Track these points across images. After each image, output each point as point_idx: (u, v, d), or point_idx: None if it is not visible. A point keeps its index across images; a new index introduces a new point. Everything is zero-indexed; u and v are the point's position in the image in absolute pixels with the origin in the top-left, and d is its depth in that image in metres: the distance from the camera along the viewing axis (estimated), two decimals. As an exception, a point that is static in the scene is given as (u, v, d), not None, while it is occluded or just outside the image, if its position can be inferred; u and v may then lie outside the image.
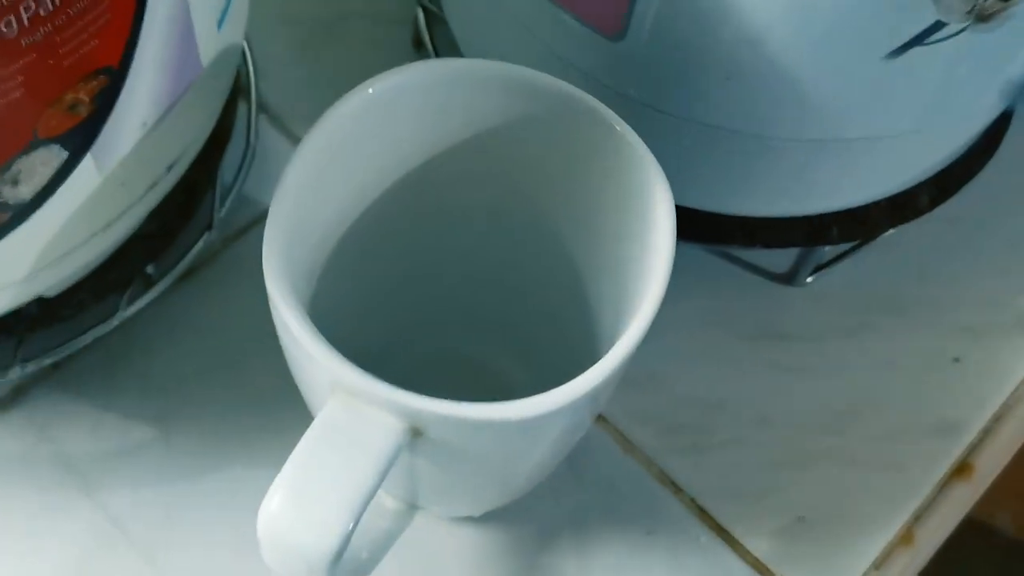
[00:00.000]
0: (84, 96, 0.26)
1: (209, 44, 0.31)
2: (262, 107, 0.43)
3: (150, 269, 0.36)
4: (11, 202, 0.26)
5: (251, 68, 0.41)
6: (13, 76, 0.24)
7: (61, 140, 0.26)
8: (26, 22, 0.23)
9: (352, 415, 0.24)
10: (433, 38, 0.42)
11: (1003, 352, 0.40)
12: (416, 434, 0.24)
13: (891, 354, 0.40)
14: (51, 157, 0.26)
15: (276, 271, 0.25)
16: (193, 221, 0.37)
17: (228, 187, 0.39)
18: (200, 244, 0.37)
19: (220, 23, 0.31)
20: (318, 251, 0.30)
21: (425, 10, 0.42)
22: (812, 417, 0.38)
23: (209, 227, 0.37)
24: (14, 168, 0.26)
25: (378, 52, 0.46)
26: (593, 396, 0.24)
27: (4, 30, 0.23)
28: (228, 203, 0.38)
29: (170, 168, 0.32)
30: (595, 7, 0.30)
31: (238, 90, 0.39)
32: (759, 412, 0.38)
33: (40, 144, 0.26)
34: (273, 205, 0.26)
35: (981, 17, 0.28)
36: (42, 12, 0.23)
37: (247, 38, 0.41)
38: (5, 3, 0.22)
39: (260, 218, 0.41)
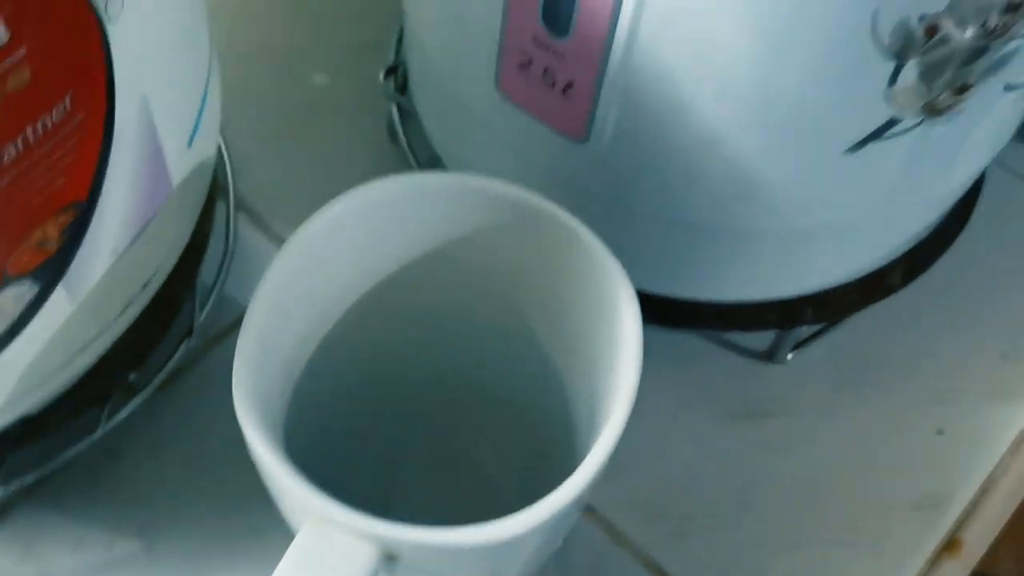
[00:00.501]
0: (53, 232, 0.26)
1: (180, 163, 0.31)
2: (239, 204, 0.43)
3: (131, 378, 0.36)
4: (-16, 338, 0.27)
5: (228, 167, 0.42)
6: (-20, 221, 0.24)
7: (31, 276, 0.26)
8: (-10, 170, 0.23)
9: (326, 541, 0.24)
10: (406, 131, 0.42)
11: (985, 421, 0.40)
12: (391, 559, 0.24)
13: (873, 427, 0.40)
14: (22, 292, 0.27)
15: (246, 403, 0.25)
16: (173, 328, 0.37)
17: (208, 290, 0.39)
18: (181, 351, 0.37)
19: (190, 141, 0.31)
20: (293, 358, 0.30)
21: (398, 105, 0.42)
22: (796, 495, 0.38)
23: (189, 334, 0.38)
24: (-15, 306, 0.26)
25: (353, 144, 0.46)
26: (568, 510, 0.25)
27: (-31, 180, 0.23)
28: (208, 308, 0.38)
29: (145, 286, 0.32)
30: (558, 113, 0.31)
31: (215, 188, 0.39)
32: (743, 493, 0.38)
33: (10, 281, 0.26)
34: (242, 334, 0.26)
35: (935, 111, 0.28)
36: (6, 159, 0.23)
37: (223, 137, 0.41)
38: (-31, 155, 0.23)
39: (241, 319, 0.41)
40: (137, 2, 0.25)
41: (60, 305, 0.28)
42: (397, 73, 0.44)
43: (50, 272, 0.27)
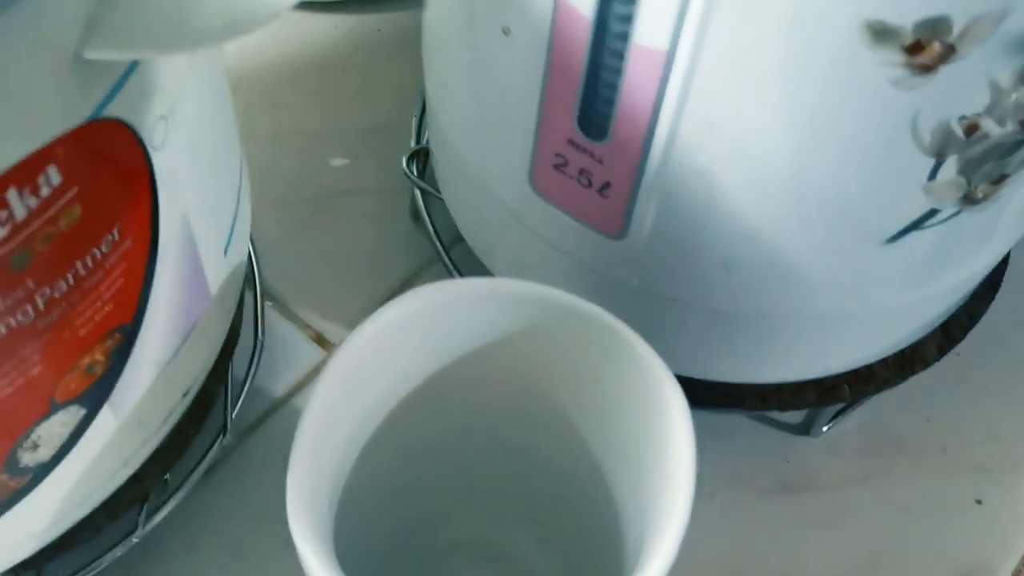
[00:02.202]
0: (100, 356, 0.26)
1: (217, 272, 0.31)
2: (266, 293, 0.43)
3: (166, 478, 0.36)
4: (31, 465, 0.26)
5: (255, 260, 0.42)
6: (32, 356, 0.24)
7: (79, 400, 0.26)
8: (42, 307, 0.23)
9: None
10: (430, 213, 0.43)
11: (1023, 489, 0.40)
12: None
13: (911, 499, 0.40)
14: (69, 418, 0.26)
15: (302, 525, 0.25)
16: (206, 425, 0.37)
17: (239, 384, 0.39)
18: (215, 448, 0.37)
19: (226, 250, 0.32)
20: (341, 463, 0.30)
21: (422, 190, 0.43)
22: (835, 570, 0.38)
23: (224, 431, 0.37)
24: (33, 435, 0.26)
25: (375, 225, 0.46)
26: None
27: (20, 319, 0.23)
28: (240, 403, 0.38)
29: (185, 395, 0.32)
30: (594, 211, 0.31)
31: (241, 291, 0.39)
32: (782, 569, 0.38)
33: (58, 408, 0.26)
34: (293, 457, 0.26)
35: (973, 201, 0.28)
36: (57, 294, 0.23)
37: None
38: (21, 295, 0.23)
39: (272, 409, 0.41)
40: (179, 128, 0.26)
41: (105, 424, 0.28)
42: (419, 157, 0.44)
43: (97, 395, 0.27)
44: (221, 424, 0.38)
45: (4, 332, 0.23)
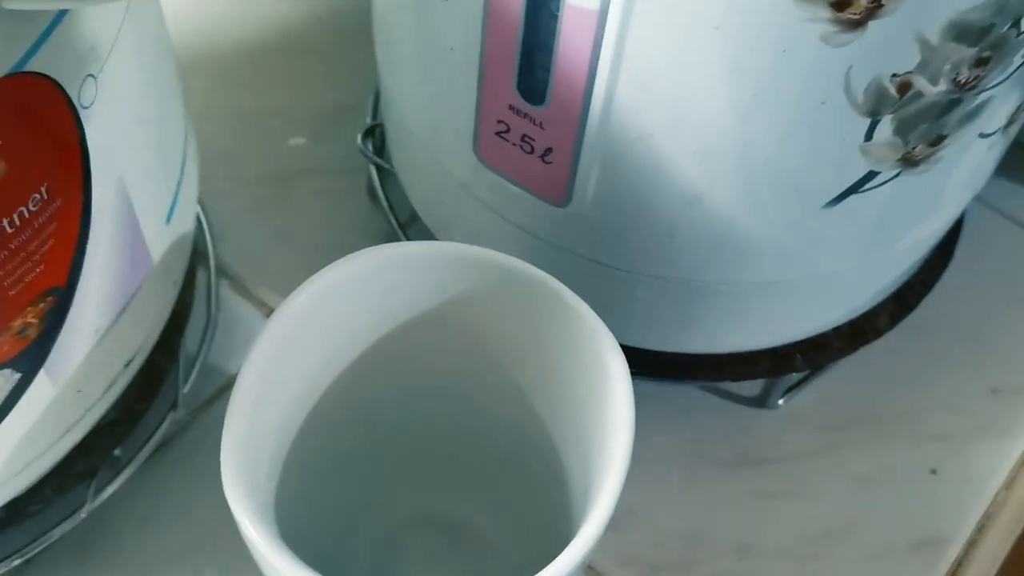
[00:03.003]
0: (33, 319, 0.26)
1: (159, 239, 0.31)
2: (221, 271, 0.43)
3: (117, 452, 0.36)
4: (-35, 429, 0.26)
5: (208, 235, 0.42)
6: (-42, 316, 0.24)
7: (12, 364, 0.26)
8: (-32, 264, 0.23)
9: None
10: (386, 191, 0.42)
11: (979, 458, 0.40)
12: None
13: (867, 470, 0.40)
14: (3, 382, 0.26)
15: (237, 489, 0.25)
16: (157, 400, 0.37)
17: (191, 360, 0.39)
18: (166, 424, 0.37)
19: (169, 217, 0.31)
20: (282, 430, 0.29)
21: (377, 167, 0.42)
22: (793, 541, 0.38)
23: (174, 406, 0.37)
24: (-34, 397, 0.26)
25: (333, 204, 0.46)
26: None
27: (-55, 276, 0.23)
28: (192, 378, 0.38)
29: (128, 364, 0.32)
30: (538, 177, 0.31)
31: (195, 255, 0.39)
32: (740, 541, 0.38)
33: (-9, 371, 0.26)
34: (229, 414, 0.26)
35: (911, 163, 0.28)
36: (-17, 252, 0.23)
37: (201, 203, 0.41)
38: (-55, 251, 0.22)
39: (227, 386, 0.41)
40: (111, 88, 0.25)
41: (42, 390, 0.28)
42: (375, 134, 0.44)
43: (31, 359, 0.27)
44: (172, 400, 0.38)
45: (-72, 289, 0.23)
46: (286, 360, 0.28)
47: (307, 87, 0.50)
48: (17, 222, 0.24)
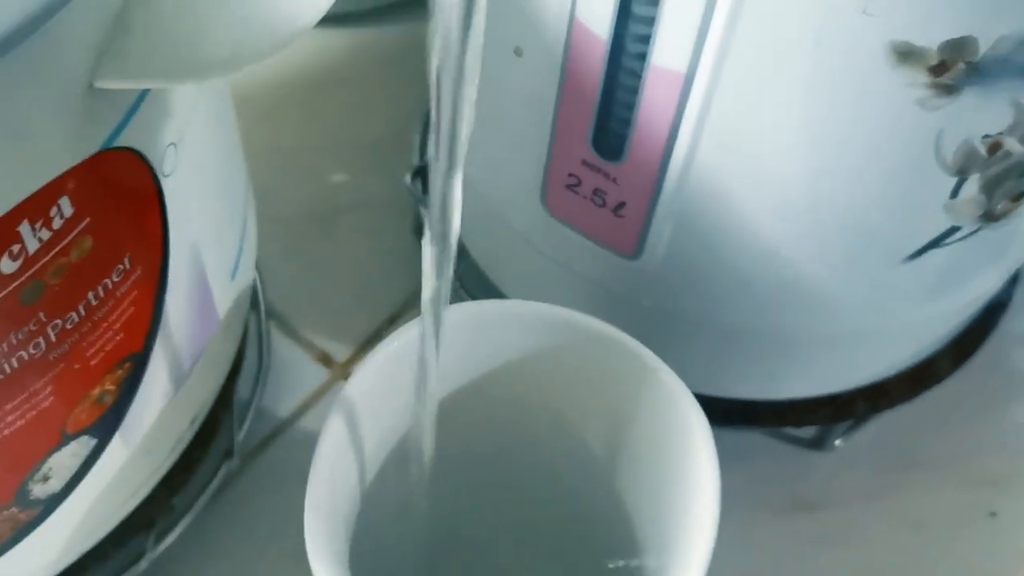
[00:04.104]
0: (110, 386, 0.26)
1: (225, 296, 0.31)
2: (268, 312, 0.43)
3: (173, 502, 0.36)
4: (42, 497, 0.26)
5: (258, 279, 0.41)
6: (43, 388, 0.23)
7: (90, 431, 0.26)
8: (53, 339, 0.23)
9: None
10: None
11: (1037, 501, 0.40)
12: None
13: (925, 514, 0.39)
14: (80, 449, 0.26)
15: (322, 553, 0.24)
16: (212, 449, 0.37)
17: (244, 406, 0.38)
18: (222, 472, 0.37)
19: (234, 273, 0.31)
20: (356, 492, 0.29)
21: (425, 204, 0.42)
22: (854, 588, 0.38)
23: (229, 454, 0.37)
24: (44, 467, 0.25)
25: (378, 242, 0.46)
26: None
27: (31, 351, 0.22)
28: (246, 427, 0.38)
29: (193, 421, 0.32)
30: (608, 231, 0.30)
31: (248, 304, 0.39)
32: (799, 588, 0.38)
33: (69, 440, 0.25)
34: (312, 479, 0.26)
35: (992, 218, 0.28)
36: (68, 326, 0.23)
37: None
38: (32, 328, 0.22)
39: (277, 431, 0.41)
40: (188, 154, 0.25)
41: (116, 454, 0.27)
42: (422, 174, 0.44)
43: (107, 425, 0.26)
44: (227, 447, 0.37)
45: (16, 366, 0.22)
46: (361, 421, 0.28)
47: (348, 122, 0.50)
48: (101, 294, 0.23)
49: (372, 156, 0.48)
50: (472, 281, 0.39)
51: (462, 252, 0.40)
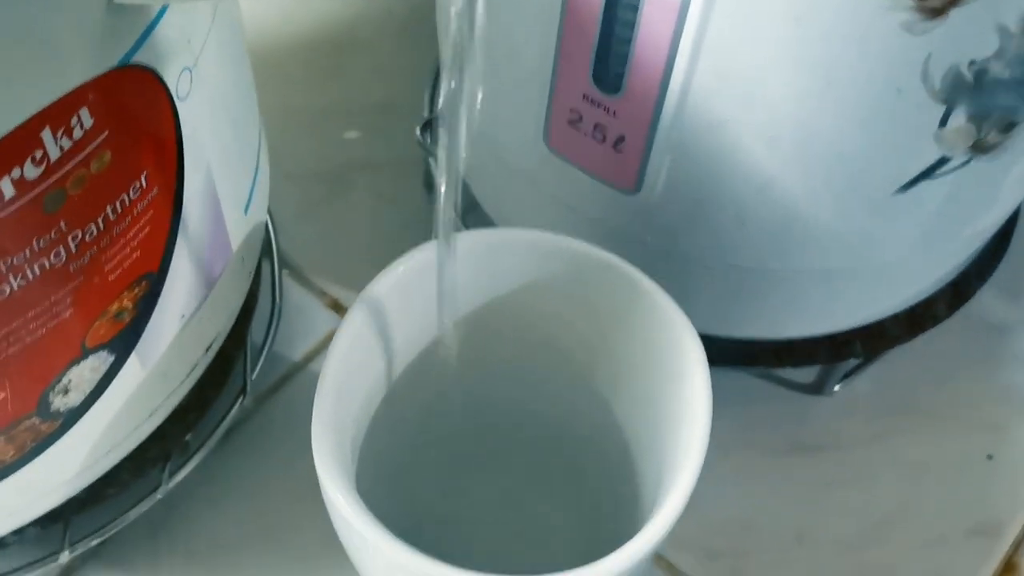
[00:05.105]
0: (128, 303, 0.27)
1: (238, 229, 0.32)
2: (283, 262, 0.44)
3: (188, 438, 0.37)
4: (62, 410, 0.27)
5: (272, 229, 0.42)
6: (64, 298, 0.25)
7: (108, 346, 0.27)
8: (73, 250, 0.24)
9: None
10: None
11: (1035, 445, 0.40)
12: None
13: (923, 457, 0.40)
14: (99, 363, 0.27)
15: (326, 457, 0.25)
16: (227, 387, 0.38)
17: (258, 349, 0.40)
18: (235, 410, 0.38)
19: (247, 207, 0.32)
20: (362, 411, 0.30)
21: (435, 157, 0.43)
22: (849, 529, 0.39)
23: (243, 392, 0.38)
24: (65, 379, 0.26)
25: (389, 197, 0.47)
26: (640, 562, 0.25)
27: (53, 260, 0.24)
28: (259, 366, 0.39)
29: (208, 349, 0.33)
30: (609, 166, 0.31)
31: (260, 254, 0.40)
32: (796, 528, 0.39)
33: (89, 353, 0.27)
34: (319, 390, 0.27)
35: (982, 149, 0.29)
36: (87, 238, 0.24)
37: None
38: (54, 236, 0.23)
39: (290, 374, 0.42)
40: (202, 81, 0.26)
41: (133, 372, 0.28)
42: (432, 127, 0.44)
43: (125, 342, 0.28)
44: (241, 386, 0.38)
45: (38, 274, 0.23)
46: (366, 342, 0.29)
47: (361, 83, 0.51)
48: (119, 209, 0.25)
49: (384, 116, 0.49)
50: (475, 223, 0.40)
51: (465, 192, 0.41)
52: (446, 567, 0.24)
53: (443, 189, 0.24)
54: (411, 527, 0.33)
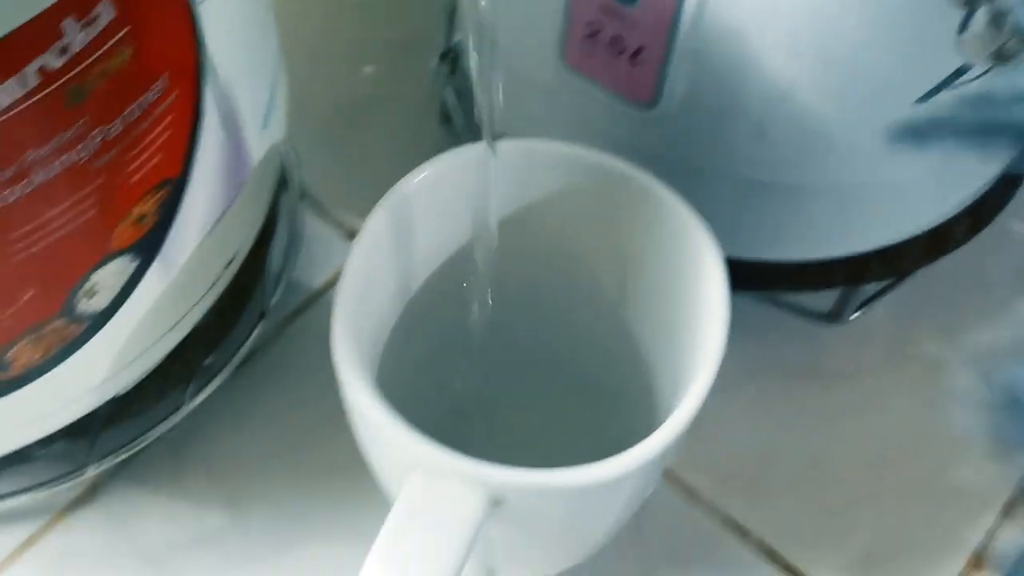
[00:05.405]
0: (150, 207, 0.27)
1: (258, 142, 0.32)
2: (301, 192, 0.44)
3: (209, 360, 0.37)
4: (88, 313, 0.28)
5: (290, 160, 0.43)
6: (87, 197, 0.25)
7: (131, 251, 0.27)
8: (97, 146, 0.24)
9: (433, 492, 0.24)
10: (463, 115, 0.43)
11: (1053, 373, 0.40)
12: (496, 504, 0.25)
13: (940, 384, 0.40)
14: (123, 268, 0.27)
15: (346, 356, 0.26)
16: (247, 311, 0.38)
17: (277, 274, 0.40)
18: (255, 333, 0.38)
19: (266, 121, 0.32)
20: (379, 329, 0.30)
21: (453, 88, 0.43)
22: (866, 454, 0.39)
23: (262, 315, 0.39)
24: (90, 281, 0.27)
25: (405, 132, 0.47)
26: (664, 455, 0.25)
27: (77, 156, 0.24)
28: (279, 291, 0.39)
29: (228, 264, 0.33)
30: (624, 78, 0.31)
31: (279, 179, 0.40)
32: (811, 452, 0.39)
33: (113, 256, 0.27)
34: (338, 293, 0.27)
35: (1003, 58, 0.28)
36: (110, 135, 0.24)
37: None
38: (77, 131, 0.23)
39: (309, 301, 0.42)
40: (223, -17, 0.26)
41: (155, 280, 0.29)
42: (449, 59, 0.45)
43: (148, 247, 0.28)
44: (260, 311, 0.39)
45: (61, 169, 0.24)
46: (388, 248, 0.29)
47: (375, 19, 0.51)
48: (140, 109, 0.25)
49: (399, 52, 0.50)
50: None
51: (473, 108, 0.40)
52: (464, 458, 0.24)
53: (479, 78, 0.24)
54: (429, 432, 0.33)
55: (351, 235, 0.44)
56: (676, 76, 0.30)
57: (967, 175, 0.35)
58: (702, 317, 0.27)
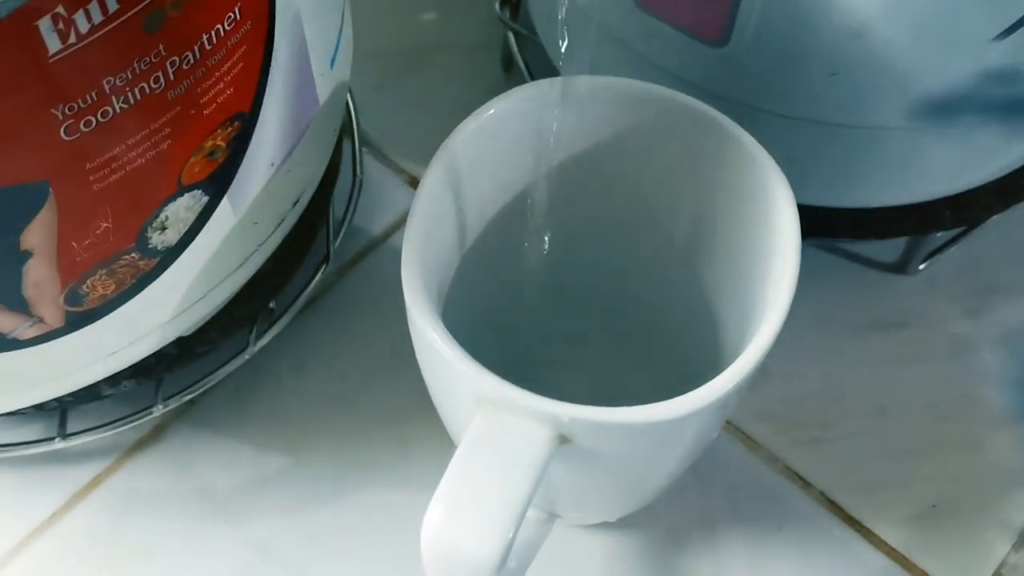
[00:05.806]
0: (221, 142, 0.27)
1: (324, 83, 0.32)
2: (362, 139, 0.44)
3: (272, 304, 0.38)
4: (159, 247, 0.28)
5: (352, 104, 0.43)
6: (162, 128, 0.25)
7: (202, 186, 0.28)
8: (172, 76, 0.24)
9: (501, 428, 0.25)
10: (525, 59, 0.43)
11: (1124, 325, 0.40)
12: (563, 441, 0.25)
13: (1008, 334, 0.39)
14: (194, 202, 0.28)
15: (415, 290, 0.26)
16: (309, 256, 0.39)
17: (339, 220, 0.40)
18: (318, 277, 0.39)
19: (332, 62, 0.32)
20: (446, 266, 0.30)
21: (515, 32, 0.43)
22: (932, 403, 0.38)
23: (326, 260, 0.39)
24: (162, 215, 0.27)
25: (465, 79, 0.47)
26: (733, 394, 0.25)
27: (153, 85, 0.24)
28: (341, 236, 0.40)
29: (295, 203, 0.33)
30: (696, 15, 0.31)
31: (342, 123, 0.40)
32: (878, 402, 0.38)
33: (185, 190, 0.27)
34: (408, 229, 0.27)
35: (1088, -9, 0.28)
36: (185, 65, 0.24)
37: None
38: (153, 59, 0.24)
39: (370, 247, 0.42)
40: (294, -86, 0.26)
41: (225, 216, 0.29)
42: (511, 3, 0.44)
43: (218, 183, 0.28)
44: (323, 255, 0.39)
45: (139, 97, 0.24)
46: (455, 185, 0.29)
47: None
48: (214, 39, 0.25)
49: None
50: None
51: (542, 56, 0.40)
52: (533, 395, 0.24)
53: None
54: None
55: (411, 182, 0.44)
56: (747, 13, 0.30)
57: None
58: (772, 260, 0.27)
